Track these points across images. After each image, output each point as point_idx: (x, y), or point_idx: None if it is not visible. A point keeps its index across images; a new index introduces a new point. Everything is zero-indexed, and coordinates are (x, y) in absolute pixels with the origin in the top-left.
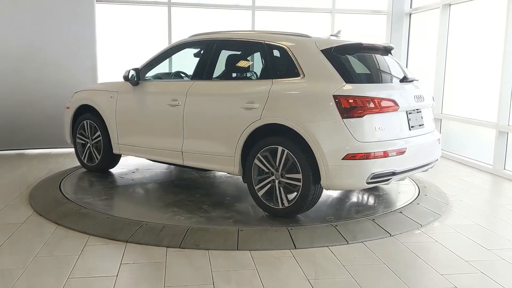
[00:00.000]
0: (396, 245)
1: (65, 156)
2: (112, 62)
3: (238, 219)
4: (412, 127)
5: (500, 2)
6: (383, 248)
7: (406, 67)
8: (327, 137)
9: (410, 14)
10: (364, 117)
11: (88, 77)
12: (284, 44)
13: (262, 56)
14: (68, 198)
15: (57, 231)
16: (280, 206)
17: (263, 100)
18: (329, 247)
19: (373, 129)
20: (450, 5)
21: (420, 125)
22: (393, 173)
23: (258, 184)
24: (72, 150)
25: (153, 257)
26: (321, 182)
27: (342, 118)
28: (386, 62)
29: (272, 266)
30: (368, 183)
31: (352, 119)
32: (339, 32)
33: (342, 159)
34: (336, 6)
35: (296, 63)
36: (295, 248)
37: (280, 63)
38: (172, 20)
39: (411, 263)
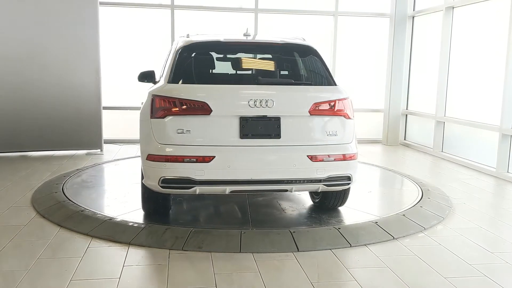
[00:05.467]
0: (399, 248)
1: (68, 158)
2: (116, 65)
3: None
4: (245, 135)
5: (504, 5)
6: (386, 251)
7: (409, 68)
8: (142, 136)
9: (413, 17)
10: (166, 118)
11: (92, 80)
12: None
13: None
14: (71, 200)
15: (59, 233)
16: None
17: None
18: (332, 250)
19: (174, 132)
20: (453, 8)
21: (268, 135)
22: (191, 181)
23: None
24: (73, 152)
25: (156, 260)
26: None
27: (150, 118)
28: (259, 61)
29: (274, 268)
30: (162, 187)
31: (156, 120)
32: (247, 30)
33: (146, 159)
34: (339, 8)
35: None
36: (298, 251)
37: None
38: (175, 23)
39: (414, 266)
